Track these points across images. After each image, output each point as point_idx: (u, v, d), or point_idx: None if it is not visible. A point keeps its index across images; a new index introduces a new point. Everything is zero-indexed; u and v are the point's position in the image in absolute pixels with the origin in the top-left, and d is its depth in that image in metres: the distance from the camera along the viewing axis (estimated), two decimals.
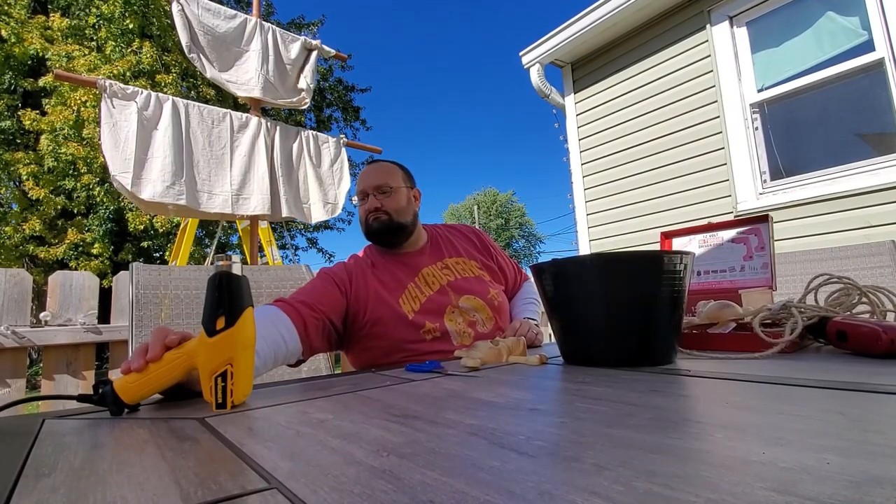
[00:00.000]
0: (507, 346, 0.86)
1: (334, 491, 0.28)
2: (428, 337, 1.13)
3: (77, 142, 7.34)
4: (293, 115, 10.49)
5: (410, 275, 1.22)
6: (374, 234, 1.25)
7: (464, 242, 1.39)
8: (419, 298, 1.18)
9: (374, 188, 1.23)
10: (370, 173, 1.26)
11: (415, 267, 1.24)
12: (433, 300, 1.18)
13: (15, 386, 1.70)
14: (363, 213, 1.25)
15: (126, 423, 0.51)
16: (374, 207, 1.22)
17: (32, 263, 8.34)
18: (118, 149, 2.34)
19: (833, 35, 2.82)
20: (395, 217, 1.23)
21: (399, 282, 1.20)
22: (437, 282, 1.22)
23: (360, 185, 1.26)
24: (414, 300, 1.17)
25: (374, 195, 1.23)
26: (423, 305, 1.16)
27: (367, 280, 1.19)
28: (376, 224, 1.22)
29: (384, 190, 1.23)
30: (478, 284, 1.26)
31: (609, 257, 0.74)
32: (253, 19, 2.89)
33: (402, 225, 1.24)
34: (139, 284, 1.13)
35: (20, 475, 0.34)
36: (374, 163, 1.31)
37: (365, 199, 1.24)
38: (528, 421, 0.42)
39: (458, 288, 1.22)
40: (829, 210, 2.72)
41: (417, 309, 1.15)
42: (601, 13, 3.55)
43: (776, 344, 0.72)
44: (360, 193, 1.26)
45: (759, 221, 0.99)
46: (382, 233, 1.24)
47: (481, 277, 1.29)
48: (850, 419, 0.37)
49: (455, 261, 1.30)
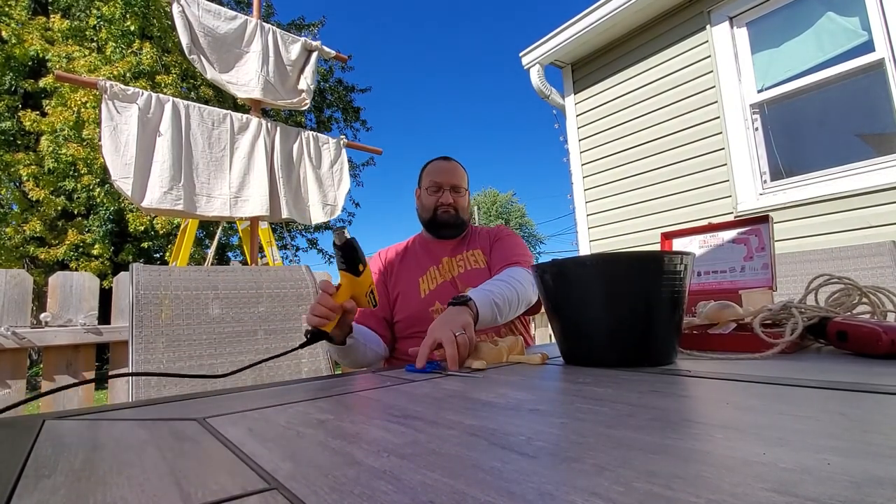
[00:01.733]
0: (506, 347, 0.87)
1: (334, 492, 0.28)
2: (435, 316, 1.24)
3: (77, 143, 7.35)
4: (293, 116, 10.50)
5: (433, 261, 1.37)
6: (439, 225, 1.39)
7: (483, 238, 1.46)
8: (436, 280, 1.33)
9: (451, 185, 1.38)
10: (449, 171, 1.40)
11: (438, 255, 1.38)
12: (444, 287, 1.32)
13: (15, 387, 1.70)
14: (432, 203, 1.38)
15: (126, 424, 0.51)
16: (448, 202, 1.36)
17: (33, 264, 8.34)
18: (118, 153, 2.34)
19: (833, 35, 2.82)
20: (461, 214, 1.39)
21: (422, 265, 1.37)
22: (449, 272, 1.35)
23: (437, 177, 1.38)
24: (431, 281, 1.33)
25: (449, 191, 1.37)
26: (437, 288, 1.31)
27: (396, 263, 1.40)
28: (445, 216, 1.37)
29: (458, 189, 1.39)
30: (481, 275, 1.34)
31: (609, 258, 0.74)
32: (253, 20, 2.90)
33: (464, 222, 1.41)
34: (139, 285, 1.13)
35: (20, 476, 0.34)
36: (449, 160, 1.44)
37: (438, 191, 1.38)
38: (528, 421, 0.42)
39: (466, 279, 1.32)
40: (829, 210, 2.72)
41: (433, 289, 1.31)
42: (601, 14, 3.55)
43: (776, 344, 0.72)
44: (433, 184, 1.38)
45: (760, 222, 0.99)
46: (447, 225, 1.38)
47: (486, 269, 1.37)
48: (851, 419, 0.37)
49: (470, 253, 1.40)
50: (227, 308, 1.24)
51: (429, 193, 1.39)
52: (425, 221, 1.43)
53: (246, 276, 1.31)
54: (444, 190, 1.37)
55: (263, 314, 1.29)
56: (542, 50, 3.99)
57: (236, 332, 1.23)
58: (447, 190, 1.37)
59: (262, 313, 1.29)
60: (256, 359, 1.25)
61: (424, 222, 1.44)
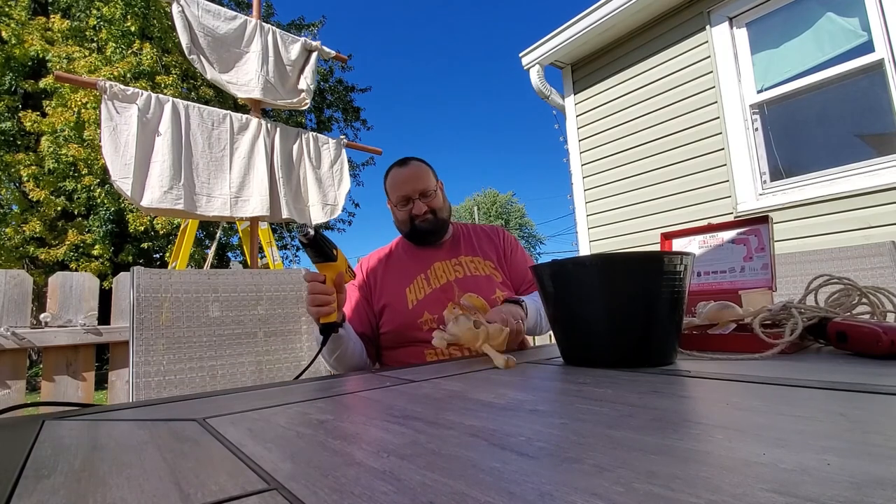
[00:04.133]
0: (486, 332, 0.84)
1: (334, 492, 0.28)
2: (425, 327, 1.18)
3: (78, 143, 7.35)
4: (294, 117, 10.49)
5: (422, 268, 1.29)
6: (421, 235, 1.32)
7: (485, 242, 1.40)
8: (424, 290, 1.25)
9: (418, 193, 1.28)
10: (409, 178, 1.30)
11: (427, 261, 1.31)
12: (436, 294, 1.23)
13: (15, 387, 1.70)
14: (406, 217, 1.30)
15: (126, 425, 0.51)
16: (422, 211, 1.28)
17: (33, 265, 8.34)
18: (118, 153, 2.34)
19: (833, 36, 2.82)
20: (440, 215, 1.31)
21: (408, 273, 1.29)
22: (444, 277, 1.27)
23: (401, 190, 1.30)
24: (419, 291, 1.25)
25: (419, 199, 1.28)
26: (427, 297, 1.23)
27: (378, 272, 1.32)
28: (425, 225, 1.29)
29: (427, 193, 1.29)
30: (485, 283, 1.27)
31: (609, 258, 0.74)
32: (253, 21, 2.90)
33: (445, 221, 1.34)
34: (140, 288, 1.13)
35: (20, 476, 0.34)
36: (406, 164, 1.33)
37: (408, 203, 1.29)
38: (528, 422, 0.42)
39: (464, 285, 1.25)
40: (828, 211, 2.72)
41: (421, 299, 1.23)
42: (601, 14, 3.55)
43: (776, 345, 0.72)
44: (401, 199, 1.30)
45: (759, 222, 0.99)
46: (430, 233, 1.31)
47: (492, 277, 1.30)
48: (851, 420, 0.37)
49: (469, 259, 1.33)
50: (227, 310, 1.24)
51: (399, 208, 1.31)
52: (406, 234, 1.36)
53: (246, 278, 1.31)
54: (413, 200, 1.28)
55: (263, 316, 1.29)
56: (541, 50, 3.99)
57: (236, 333, 1.24)
58: (416, 199, 1.28)
59: (261, 315, 1.29)
60: (256, 360, 1.25)
61: (405, 235, 1.36)
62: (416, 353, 1.20)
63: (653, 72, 3.55)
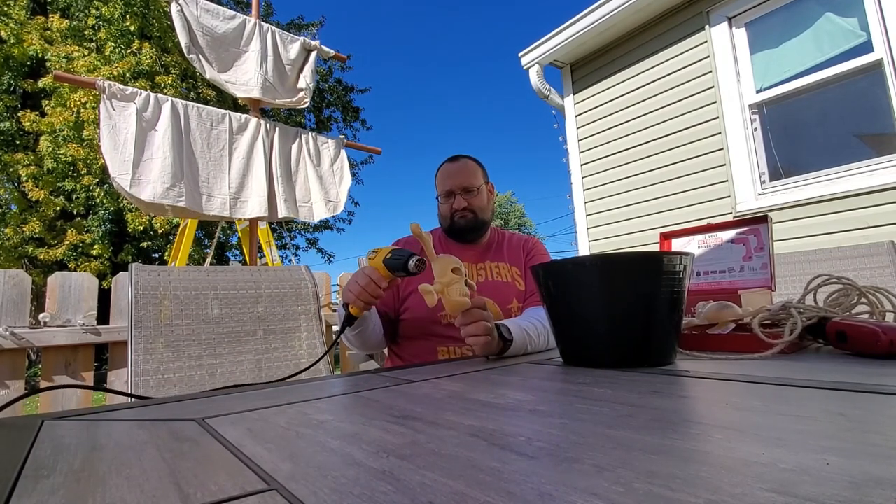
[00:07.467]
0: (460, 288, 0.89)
1: (334, 492, 0.28)
2: (443, 321, 1.21)
3: (77, 143, 7.33)
4: (293, 116, 10.48)
5: None
6: (458, 231, 1.32)
7: (515, 250, 1.39)
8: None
9: (461, 188, 1.30)
10: (456, 173, 1.33)
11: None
12: None
13: (14, 387, 1.70)
14: (447, 211, 1.32)
15: (125, 425, 0.50)
16: (461, 206, 1.29)
17: (32, 265, 8.32)
18: (117, 150, 2.34)
19: (832, 36, 2.83)
20: (480, 215, 1.32)
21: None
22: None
23: (446, 184, 1.32)
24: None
25: (460, 195, 1.30)
26: None
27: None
28: (463, 222, 1.30)
29: (470, 190, 1.31)
30: (505, 290, 1.28)
31: (608, 258, 0.74)
32: (252, 20, 2.90)
33: (485, 222, 1.34)
34: (138, 285, 1.12)
35: (19, 476, 0.34)
36: (456, 160, 1.36)
37: (450, 197, 1.32)
38: (527, 422, 0.42)
39: (484, 290, 1.26)
40: (828, 210, 2.72)
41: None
42: (600, 14, 3.55)
43: (776, 344, 0.72)
44: (444, 192, 1.33)
45: (759, 222, 0.99)
46: (467, 230, 1.32)
47: (514, 285, 1.30)
48: (850, 420, 0.37)
49: (494, 264, 1.34)
50: (227, 308, 1.24)
51: (442, 202, 1.34)
52: (445, 230, 1.37)
53: (245, 276, 1.31)
54: (455, 195, 1.31)
55: (263, 314, 1.29)
56: (541, 50, 3.99)
57: (235, 332, 1.23)
58: (458, 194, 1.31)
59: (261, 313, 1.29)
60: (255, 359, 1.25)
61: (444, 229, 1.38)
62: (429, 349, 1.22)
63: (652, 72, 3.55)
